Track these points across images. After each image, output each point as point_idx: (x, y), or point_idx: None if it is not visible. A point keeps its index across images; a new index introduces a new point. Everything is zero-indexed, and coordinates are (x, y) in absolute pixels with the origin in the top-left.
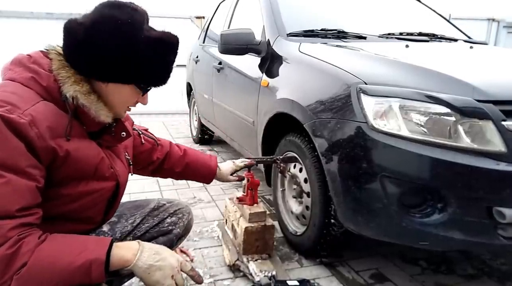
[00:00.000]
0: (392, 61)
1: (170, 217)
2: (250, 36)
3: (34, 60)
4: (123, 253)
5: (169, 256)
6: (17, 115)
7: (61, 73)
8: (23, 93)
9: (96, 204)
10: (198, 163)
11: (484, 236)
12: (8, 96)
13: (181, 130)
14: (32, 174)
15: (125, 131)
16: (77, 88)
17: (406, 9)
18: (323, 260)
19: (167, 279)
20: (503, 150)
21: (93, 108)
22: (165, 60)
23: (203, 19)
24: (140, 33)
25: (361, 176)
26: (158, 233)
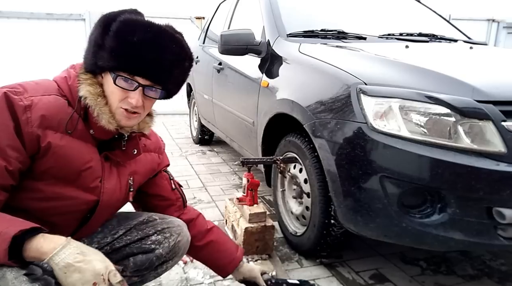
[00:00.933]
0: (392, 62)
1: (156, 234)
2: (250, 37)
3: (73, 66)
4: (43, 244)
5: (96, 260)
6: (20, 97)
7: (82, 75)
8: (44, 85)
9: (68, 212)
10: (222, 245)
11: (484, 237)
12: (30, 83)
13: (181, 130)
14: (8, 154)
15: (137, 149)
16: (89, 88)
17: (406, 9)
18: (323, 260)
19: (86, 285)
20: (503, 150)
21: (96, 110)
22: (126, 41)
23: (203, 19)
24: (114, 20)
25: (361, 177)
26: (138, 250)
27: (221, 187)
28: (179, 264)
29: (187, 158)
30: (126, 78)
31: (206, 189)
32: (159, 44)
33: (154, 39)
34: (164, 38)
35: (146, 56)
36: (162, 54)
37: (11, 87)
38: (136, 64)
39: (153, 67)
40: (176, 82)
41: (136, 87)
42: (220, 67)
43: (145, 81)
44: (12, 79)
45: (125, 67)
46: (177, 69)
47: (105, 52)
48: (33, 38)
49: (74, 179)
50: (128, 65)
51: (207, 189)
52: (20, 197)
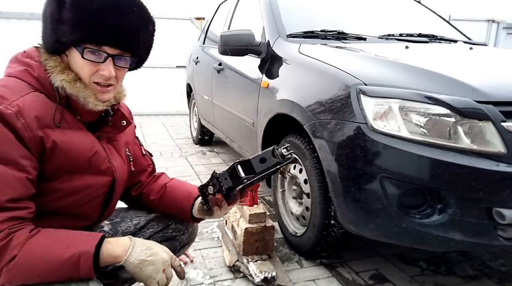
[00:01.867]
0: (392, 62)
1: (175, 223)
2: (250, 37)
3: (27, 54)
4: (114, 248)
5: (161, 250)
6: (4, 106)
7: (48, 63)
8: (13, 86)
9: (91, 199)
10: (179, 186)
11: (484, 237)
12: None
13: (181, 131)
14: (23, 165)
15: (125, 120)
16: (63, 77)
17: (406, 10)
18: (323, 261)
19: (159, 273)
20: (502, 151)
21: (80, 96)
22: (84, 10)
23: (203, 20)
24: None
25: (361, 177)
26: (162, 238)
27: None
28: None
29: (187, 158)
30: (93, 50)
31: None
32: (121, 8)
33: (115, 4)
34: (126, 1)
35: (109, 22)
36: (126, 19)
37: None
38: (101, 32)
39: (119, 33)
40: (145, 47)
41: (106, 58)
42: (220, 67)
43: (114, 50)
44: None
45: (90, 38)
46: (143, 34)
47: (65, 25)
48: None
49: (86, 168)
50: (93, 34)
51: None
52: (41, 202)
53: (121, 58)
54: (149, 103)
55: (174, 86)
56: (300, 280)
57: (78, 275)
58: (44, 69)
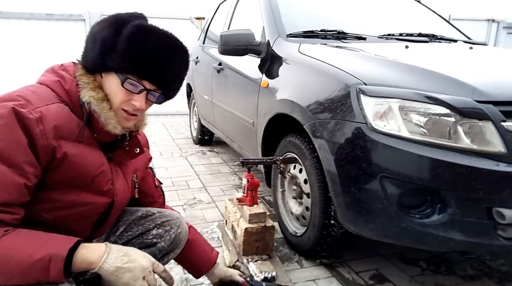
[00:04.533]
0: (392, 62)
1: (157, 228)
2: (250, 37)
3: (64, 67)
4: (89, 254)
5: (140, 256)
6: (28, 110)
7: (82, 79)
8: (42, 93)
9: (85, 217)
10: (198, 245)
11: (484, 237)
12: (27, 93)
13: (181, 131)
14: (26, 171)
15: (139, 148)
16: (92, 94)
17: (406, 10)
18: (323, 260)
19: (138, 281)
20: (502, 151)
21: (102, 116)
22: (140, 46)
23: (203, 20)
24: (126, 23)
25: (361, 177)
26: (141, 245)
27: (221, 187)
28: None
29: (187, 158)
30: (134, 81)
31: (206, 189)
32: (171, 53)
33: (167, 48)
34: (176, 47)
35: (158, 63)
36: (173, 63)
37: (12, 99)
38: (148, 70)
39: (163, 73)
40: (177, 89)
41: (141, 91)
42: (220, 67)
43: (151, 85)
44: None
45: (135, 71)
46: (179, 77)
47: (117, 54)
48: (33, 39)
49: (88, 185)
50: (140, 70)
51: (207, 189)
52: (34, 210)
53: (154, 94)
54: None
55: None
56: (300, 280)
57: (47, 278)
58: (76, 84)
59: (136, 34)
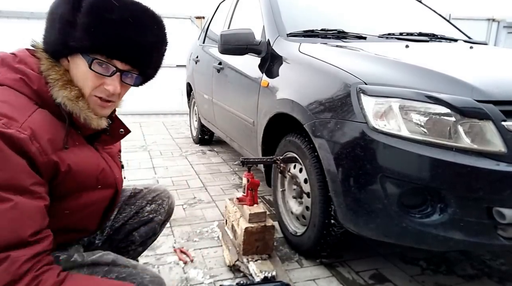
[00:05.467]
0: (392, 62)
1: (149, 204)
2: (250, 36)
3: (20, 59)
4: None
5: None
6: (16, 129)
7: (50, 75)
8: (15, 101)
9: (94, 213)
10: None
11: (484, 237)
12: (0, 106)
13: (181, 130)
14: (38, 192)
15: (123, 128)
16: (65, 93)
17: (406, 9)
18: (323, 260)
19: None
20: (503, 150)
21: (82, 116)
22: (104, 19)
23: (203, 19)
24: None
25: (361, 176)
26: (139, 223)
27: (221, 186)
28: (179, 264)
29: (187, 157)
30: (102, 62)
31: (206, 189)
32: (142, 24)
33: (136, 18)
34: (147, 17)
35: (126, 36)
36: (144, 36)
37: None
38: (116, 45)
39: (134, 49)
40: (154, 67)
41: (114, 73)
42: (220, 67)
43: (124, 65)
44: None
45: (103, 49)
46: (156, 53)
47: (78, 30)
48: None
49: (95, 185)
50: (107, 46)
51: (207, 189)
52: (51, 223)
53: (128, 75)
54: (149, 103)
55: (174, 85)
56: (300, 279)
57: None
58: (44, 82)
59: (98, 4)
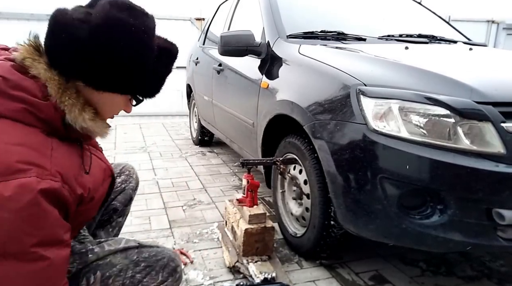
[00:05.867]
0: (392, 63)
1: (119, 176)
2: (250, 38)
3: (14, 84)
4: None
5: None
6: (50, 178)
7: (64, 101)
8: (30, 140)
9: (100, 203)
10: None
11: (484, 238)
12: (19, 151)
13: (181, 132)
14: (67, 240)
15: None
16: (87, 116)
17: (406, 11)
18: (323, 261)
19: None
20: (502, 152)
21: (99, 133)
22: (167, 71)
23: (203, 21)
24: (152, 43)
25: (360, 178)
26: (115, 194)
27: (221, 188)
28: None
29: (187, 159)
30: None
31: (206, 190)
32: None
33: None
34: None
35: (163, 84)
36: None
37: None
38: (159, 91)
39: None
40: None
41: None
42: (220, 68)
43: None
44: None
45: (152, 95)
46: None
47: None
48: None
49: (102, 183)
50: (155, 93)
51: (207, 190)
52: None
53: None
54: (149, 104)
55: (174, 87)
56: (300, 281)
57: None
58: (54, 108)
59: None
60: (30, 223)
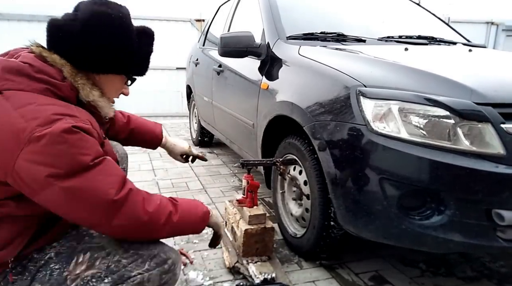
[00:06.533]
0: (391, 64)
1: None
2: (250, 39)
3: (38, 69)
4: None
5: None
6: (83, 122)
7: (77, 80)
8: (56, 102)
9: None
10: (142, 129)
11: (483, 238)
12: (52, 108)
13: (181, 132)
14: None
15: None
16: (95, 93)
17: (405, 12)
18: (322, 262)
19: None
20: (502, 153)
21: (106, 109)
22: (149, 51)
23: (203, 22)
24: (131, 26)
25: (360, 178)
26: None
27: (220, 188)
28: None
29: None
30: (135, 78)
31: (206, 191)
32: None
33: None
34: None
35: (148, 62)
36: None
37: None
38: (147, 70)
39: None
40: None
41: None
42: (220, 69)
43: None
44: None
45: (141, 73)
46: None
47: (126, 57)
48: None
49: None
50: (144, 71)
51: (207, 191)
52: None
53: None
54: (149, 105)
55: (174, 87)
56: (300, 281)
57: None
58: (70, 87)
59: (144, 39)
60: (79, 147)
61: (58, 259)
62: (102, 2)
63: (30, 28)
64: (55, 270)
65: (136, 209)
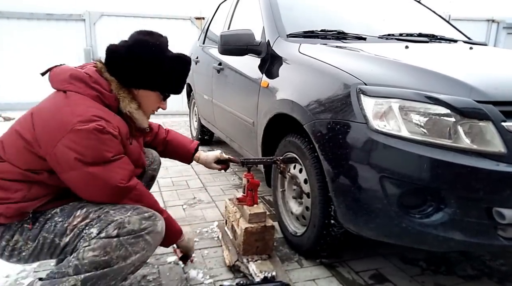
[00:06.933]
0: (392, 62)
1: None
2: (250, 37)
3: (95, 80)
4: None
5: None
6: (113, 129)
7: (120, 93)
8: (101, 107)
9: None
10: (176, 142)
11: (484, 237)
12: (94, 111)
13: (181, 131)
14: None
15: (148, 127)
16: (132, 106)
17: (406, 10)
18: (323, 260)
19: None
20: (502, 151)
21: (140, 120)
22: (182, 74)
23: (203, 20)
24: (165, 53)
25: (361, 177)
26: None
27: (221, 187)
28: (179, 264)
29: None
30: (169, 95)
31: (206, 189)
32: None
33: (189, 70)
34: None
35: (185, 82)
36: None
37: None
38: (181, 89)
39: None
40: None
41: (168, 97)
42: (220, 67)
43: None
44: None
45: (175, 91)
46: None
47: (159, 77)
48: (33, 39)
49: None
50: (178, 90)
51: (207, 189)
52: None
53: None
54: None
55: None
56: (300, 279)
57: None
58: (114, 99)
59: (177, 64)
60: (106, 144)
61: (62, 214)
62: (147, 32)
63: (29, 26)
64: (58, 222)
65: (143, 196)
